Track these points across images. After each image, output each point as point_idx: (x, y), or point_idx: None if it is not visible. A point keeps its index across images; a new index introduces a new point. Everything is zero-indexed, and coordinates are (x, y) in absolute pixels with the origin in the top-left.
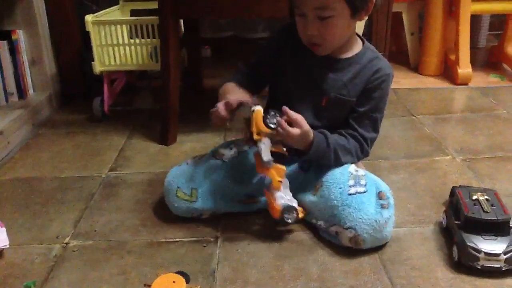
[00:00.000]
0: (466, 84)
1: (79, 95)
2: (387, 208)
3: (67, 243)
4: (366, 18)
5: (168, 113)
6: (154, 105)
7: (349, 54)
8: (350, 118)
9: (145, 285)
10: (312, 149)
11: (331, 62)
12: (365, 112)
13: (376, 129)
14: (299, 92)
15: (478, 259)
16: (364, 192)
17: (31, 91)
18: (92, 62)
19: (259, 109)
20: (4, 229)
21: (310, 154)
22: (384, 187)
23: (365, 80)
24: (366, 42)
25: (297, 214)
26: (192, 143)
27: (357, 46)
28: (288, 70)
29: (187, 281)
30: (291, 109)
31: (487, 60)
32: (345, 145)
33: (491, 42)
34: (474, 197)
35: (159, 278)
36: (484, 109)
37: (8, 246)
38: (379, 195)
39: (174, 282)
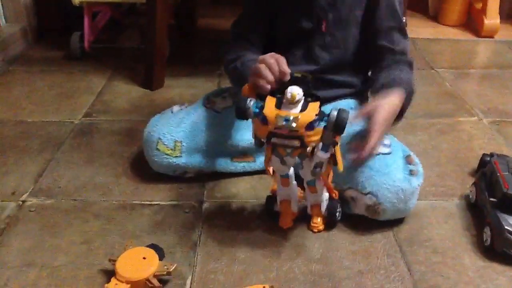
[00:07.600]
0: (491, 37)
1: (58, 29)
2: (417, 175)
3: (23, 201)
4: None
5: (154, 53)
6: (141, 44)
7: None
8: (378, 42)
9: (109, 260)
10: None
11: None
12: (385, 25)
13: (406, 35)
14: (293, 26)
15: None
16: (389, 153)
17: (2, 21)
18: None
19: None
20: None
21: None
22: (410, 151)
23: None
24: None
25: None
26: (181, 89)
27: None
28: (278, 8)
29: (161, 258)
30: (288, 49)
31: None
32: (404, 74)
33: None
34: None
35: (126, 252)
36: None
37: None
38: (408, 159)
39: (144, 258)
